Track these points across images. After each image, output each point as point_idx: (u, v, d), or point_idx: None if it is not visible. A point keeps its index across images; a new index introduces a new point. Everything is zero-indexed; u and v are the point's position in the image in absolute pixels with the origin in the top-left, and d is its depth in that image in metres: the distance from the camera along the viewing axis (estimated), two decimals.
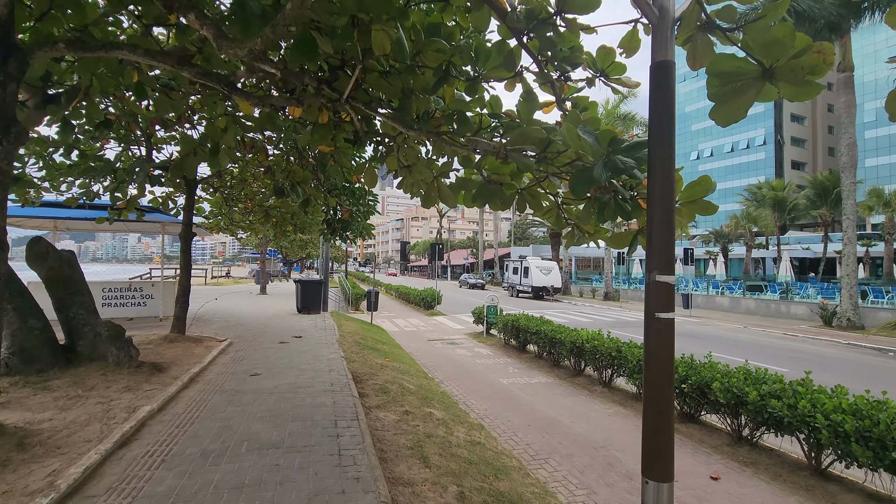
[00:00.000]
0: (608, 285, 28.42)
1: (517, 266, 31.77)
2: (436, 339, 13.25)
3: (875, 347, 12.81)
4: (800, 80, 2.06)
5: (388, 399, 5.66)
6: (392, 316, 19.04)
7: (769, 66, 2.07)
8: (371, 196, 8.78)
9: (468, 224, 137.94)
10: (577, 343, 8.32)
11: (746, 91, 2.18)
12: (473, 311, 14.07)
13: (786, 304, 19.83)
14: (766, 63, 2.08)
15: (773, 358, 11.12)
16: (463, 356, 10.77)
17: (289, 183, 6.17)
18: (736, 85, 2.19)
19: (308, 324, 11.52)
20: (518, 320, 10.87)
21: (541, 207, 3.96)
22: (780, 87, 2.12)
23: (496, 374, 9.06)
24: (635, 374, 6.97)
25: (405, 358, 9.77)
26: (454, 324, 16.72)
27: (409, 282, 52.85)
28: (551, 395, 7.58)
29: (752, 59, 2.08)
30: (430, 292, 20.58)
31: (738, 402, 5.23)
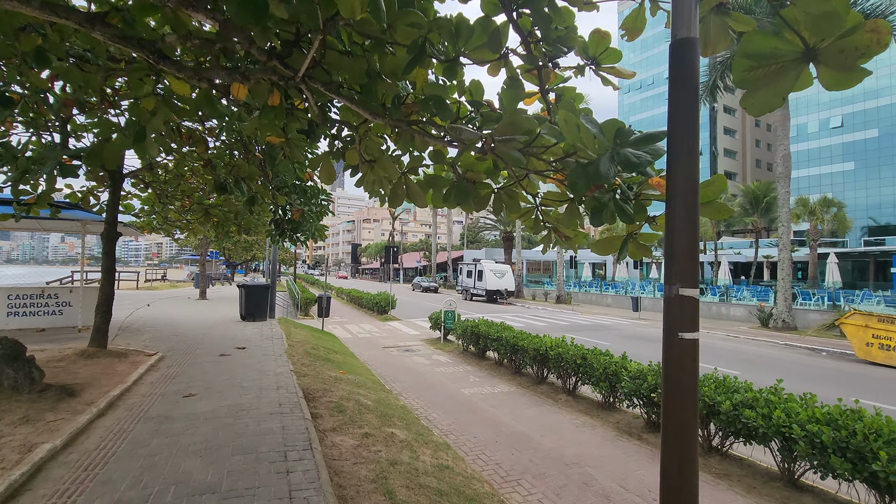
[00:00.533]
0: (560, 289, 28.87)
1: (471, 269, 31.66)
2: (391, 347, 12.69)
3: (809, 347, 13.57)
4: (847, 63, 1.76)
5: (345, 419, 5.10)
6: (344, 321, 18.23)
7: (813, 45, 1.75)
8: (325, 195, 8.15)
9: (420, 227, 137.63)
10: (540, 350, 8.08)
11: (784, 75, 1.85)
12: (430, 317, 13.64)
13: (725, 306, 20.85)
14: (811, 41, 1.76)
15: (721, 360, 11.43)
16: (421, 364, 10.30)
17: (232, 179, 5.48)
18: (771, 68, 1.86)
19: (253, 332, 10.63)
20: (478, 326, 10.55)
21: (518, 209, 3.59)
22: (820, 73, 1.81)
23: (457, 383, 8.66)
24: (601, 382, 6.79)
25: (360, 368, 9.17)
26: (410, 329, 16.20)
27: (361, 285, 51.62)
28: (516, 406, 7.26)
29: (796, 34, 1.76)
30: (384, 296, 19.93)
31: (710, 412, 5.11)
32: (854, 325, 11.42)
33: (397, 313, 20.28)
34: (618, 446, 5.64)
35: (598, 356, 7.02)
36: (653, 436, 5.94)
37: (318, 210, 8.11)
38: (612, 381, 6.69)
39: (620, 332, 16.39)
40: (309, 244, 8.37)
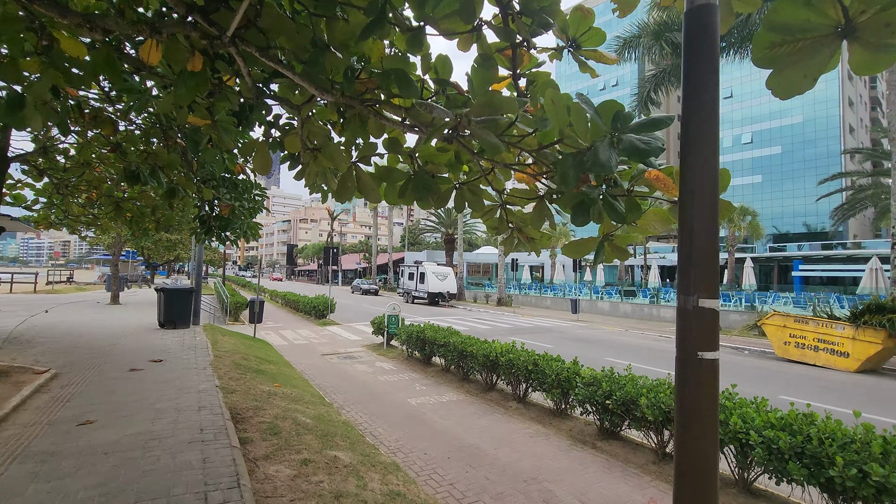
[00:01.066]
0: (501, 291, 29.15)
1: (413, 271, 31.20)
2: (331, 354, 11.94)
3: (733, 347, 14.45)
4: (887, 41, 1.53)
5: (281, 443, 4.48)
6: (279, 327, 17.09)
7: (853, 17, 1.50)
8: (259, 189, 7.39)
9: (360, 228, 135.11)
10: (490, 357, 7.80)
11: (816, 53, 1.58)
12: (373, 322, 13.03)
13: (656, 307, 21.93)
14: (853, 12, 1.50)
15: (660, 361, 11.81)
16: (363, 373, 9.70)
17: (147, 167, 4.69)
18: (799, 45, 1.59)
19: (173, 342, 9.52)
20: (424, 332, 10.12)
21: (482, 207, 3.22)
22: (853, 52, 1.55)
23: (403, 392, 8.18)
24: (553, 389, 6.61)
25: (297, 380, 8.43)
26: (350, 335, 15.45)
27: (297, 287, 49.42)
28: (465, 416, 6.92)
29: (839, 3, 1.50)
30: (323, 300, 18.97)
31: (665, 419, 5.04)
32: (774, 326, 12.24)
33: (337, 317, 19.38)
34: (573, 457, 5.44)
35: (550, 362, 6.84)
36: (606, 444, 5.82)
37: (250, 206, 7.34)
38: (565, 388, 6.53)
39: (562, 335, 16.64)
40: (240, 244, 7.62)
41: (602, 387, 5.72)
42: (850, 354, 10.64)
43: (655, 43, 16.49)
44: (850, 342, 10.65)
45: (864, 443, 3.60)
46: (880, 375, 10.52)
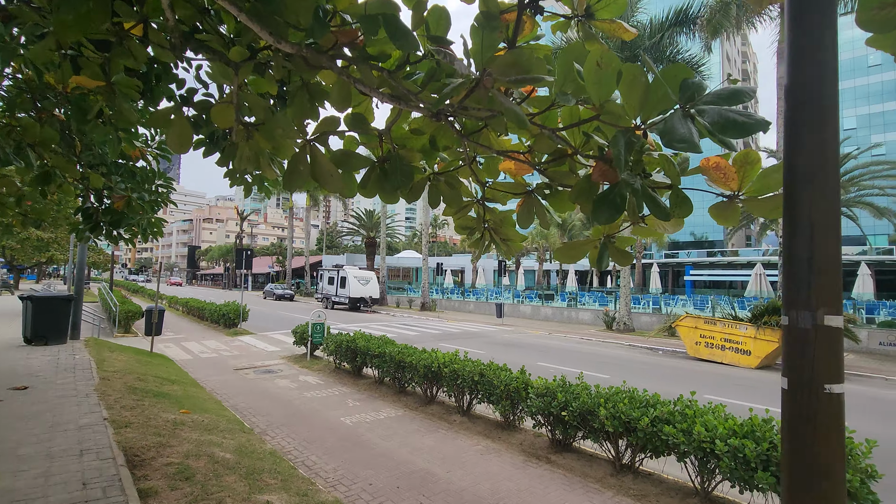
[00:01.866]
0: (425, 296, 28.77)
1: (333, 276, 29.76)
2: (246, 368, 10.67)
3: (648, 347, 15.32)
4: None
5: (196, 492, 3.59)
6: (181, 338, 15.14)
7: None
8: (164, 179, 6.25)
9: (273, 229, 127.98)
10: (432, 367, 7.29)
11: None
12: (294, 331, 11.91)
13: (575, 311, 22.86)
14: None
15: (589, 364, 12.08)
16: (287, 389, 8.70)
17: (12, 144, 3.58)
18: None
19: (43, 362, 7.83)
20: (355, 341, 9.35)
21: (459, 202, 2.75)
22: None
23: (335, 410, 7.39)
24: (503, 400, 6.26)
25: (208, 402, 7.26)
26: (266, 345, 14.08)
27: (201, 293, 45.14)
28: (409, 434, 6.34)
29: None
30: (234, 307, 17.20)
31: (626, 430, 4.87)
32: (686, 327, 13.11)
33: (250, 326, 17.68)
34: (531, 474, 5.10)
35: (498, 372, 6.49)
36: (560, 457, 5.56)
37: (152, 199, 6.17)
38: (515, 400, 6.22)
39: (490, 339, 16.59)
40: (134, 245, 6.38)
41: (557, 397, 5.46)
42: (752, 352, 11.64)
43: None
44: (751, 341, 11.65)
45: None
46: (776, 371, 11.63)
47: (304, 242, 49.38)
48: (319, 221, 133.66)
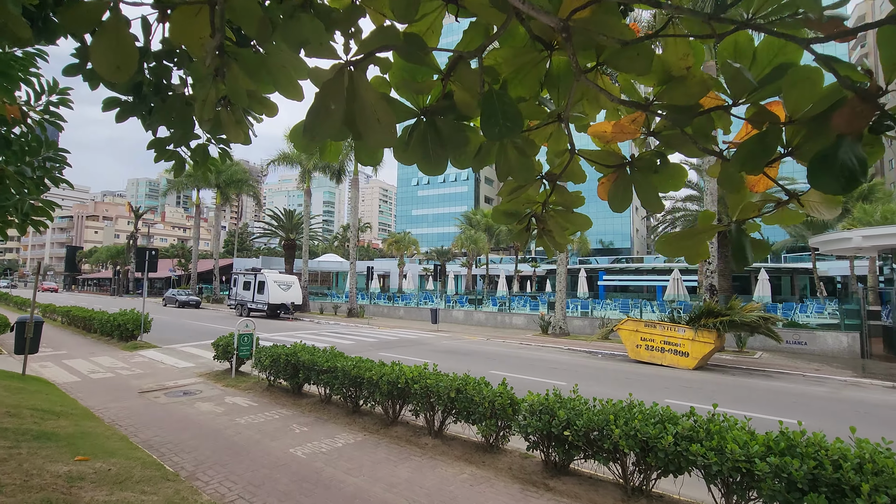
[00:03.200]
0: (353, 302, 27.27)
1: (250, 280, 27.17)
2: (155, 390, 8.87)
3: (587, 351, 15.50)
4: None
5: None
6: (63, 355, 12.51)
7: None
8: (54, 150, 4.75)
9: (172, 229, 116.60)
10: (399, 384, 6.35)
11: None
12: (216, 343, 10.22)
13: (508, 315, 22.85)
14: None
15: (538, 370, 11.77)
16: (212, 416, 7.22)
17: None
18: None
19: None
20: (296, 354, 8.08)
21: (531, 174, 1.99)
22: None
23: (280, 439, 6.16)
24: (488, 419, 5.53)
25: (112, 440, 5.66)
26: (176, 360, 12.05)
27: (85, 300, 39.20)
28: (377, 465, 5.36)
29: None
30: (133, 316, 14.68)
31: (642, 449, 4.36)
32: (627, 331, 13.36)
33: (152, 338, 15.22)
34: None
35: (480, 387, 5.75)
36: (559, 482, 4.95)
37: (37, 176, 4.66)
38: (501, 418, 5.52)
39: (431, 347, 15.81)
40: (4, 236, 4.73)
41: (558, 415, 4.84)
42: (690, 354, 12.08)
43: None
44: (689, 343, 12.09)
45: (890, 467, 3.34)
46: (711, 371, 12.18)
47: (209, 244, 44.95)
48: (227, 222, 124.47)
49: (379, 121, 1.48)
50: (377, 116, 1.47)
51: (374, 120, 1.47)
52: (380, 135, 1.50)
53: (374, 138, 1.51)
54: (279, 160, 30.83)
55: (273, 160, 30.69)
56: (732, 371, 12.22)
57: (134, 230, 52.51)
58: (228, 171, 38.87)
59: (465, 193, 75.30)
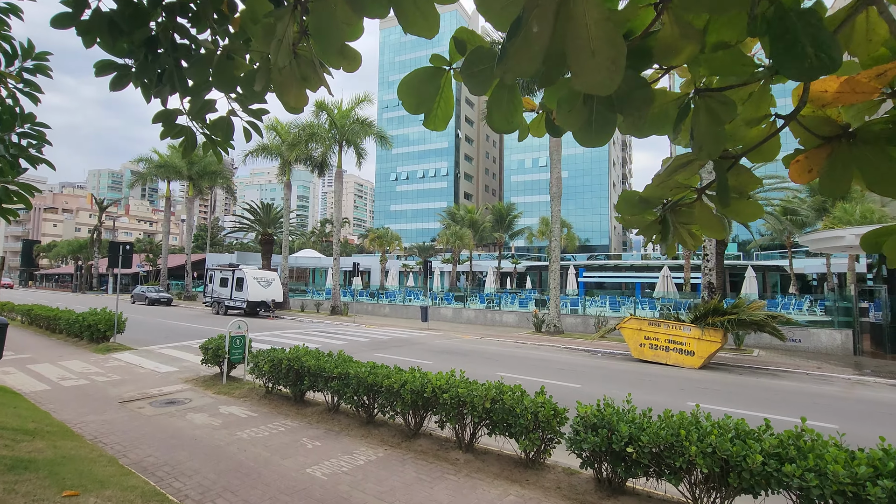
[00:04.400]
0: (336, 299, 26.36)
1: (227, 276, 25.93)
2: (137, 399, 8.01)
3: (586, 350, 15.21)
4: None
5: None
6: (26, 359, 11.37)
7: None
8: (33, 124, 3.97)
9: (138, 223, 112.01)
10: (423, 393, 5.77)
11: None
12: (204, 346, 9.37)
13: (499, 313, 22.45)
14: None
15: (547, 372, 11.35)
16: (209, 430, 6.48)
17: None
18: None
19: None
20: (301, 359, 7.38)
21: (719, 146, 1.40)
22: None
23: (291, 457, 5.50)
24: (531, 433, 5.02)
25: (99, 464, 4.88)
26: (157, 364, 11.10)
27: (44, 297, 36.88)
28: (411, 487, 4.78)
29: None
30: (104, 315, 13.54)
31: (723, 468, 3.92)
32: (630, 329, 13.09)
33: (126, 339, 14.12)
34: None
35: (521, 397, 5.24)
36: (616, 503, 4.48)
37: (14, 153, 3.89)
38: (545, 431, 5.02)
39: (427, 347, 15.23)
40: None
41: (620, 430, 4.36)
42: (696, 353, 11.88)
43: None
44: (695, 342, 11.89)
45: None
46: (716, 370, 12.02)
47: (177, 239, 43.07)
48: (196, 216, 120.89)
49: (594, 53, 0.96)
50: (593, 46, 0.94)
51: (588, 51, 0.94)
52: (596, 74, 0.97)
53: (586, 78, 0.98)
54: (258, 151, 29.54)
55: (251, 151, 29.39)
56: (736, 370, 12.10)
57: (98, 223, 49.77)
58: (202, 161, 37.16)
59: (444, 189, 74.67)
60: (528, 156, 69.33)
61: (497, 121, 1.78)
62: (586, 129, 1.55)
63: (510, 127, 1.80)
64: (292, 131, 28.01)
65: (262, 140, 28.90)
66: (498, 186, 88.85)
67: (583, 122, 1.52)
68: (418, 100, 1.81)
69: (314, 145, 27.24)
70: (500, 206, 38.70)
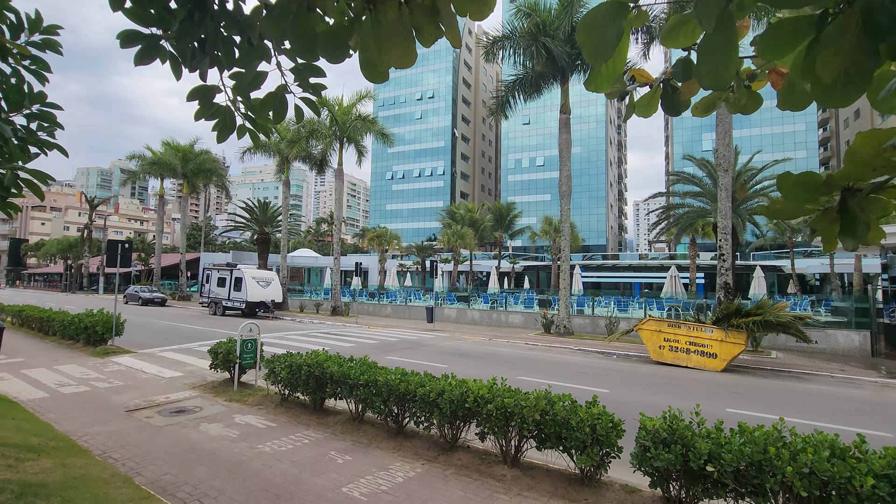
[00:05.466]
0: (336, 299, 25.82)
1: (225, 276, 25.27)
2: (144, 407, 7.49)
3: (600, 352, 14.85)
4: None
5: None
6: (20, 363, 10.77)
7: None
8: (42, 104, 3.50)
9: (128, 221, 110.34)
10: (465, 403, 5.33)
11: None
12: (214, 350, 8.86)
13: (505, 313, 22.06)
14: None
15: (568, 375, 10.96)
16: (226, 442, 5.99)
17: None
18: None
19: None
20: (322, 365, 6.91)
21: None
22: None
23: (322, 473, 5.04)
24: (590, 448, 4.60)
25: (114, 485, 4.37)
26: (159, 368, 10.56)
27: (33, 297, 35.93)
28: None
29: None
30: (102, 317, 12.94)
31: (823, 492, 3.53)
32: (649, 331, 12.75)
33: (123, 342, 13.53)
34: None
35: (572, 407, 4.82)
36: None
37: (20, 136, 3.42)
38: (604, 445, 4.60)
39: (437, 349, 14.78)
40: None
41: (698, 447, 3.96)
42: (718, 355, 11.56)
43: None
44: (718, 344, 11.56)
45: None
46: (740, 373, 11.70)
47: (168, 238, 42.21)
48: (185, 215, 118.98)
49: None
50: None
51: None
52: None
53: None
54: (255, 148, 28.88)
55: (249, 148, 28.74)
56: (759, 372, 11.80)
57: (89, 221, 48.68)
58: (197, 159, 36.41)
59: (441, 188, 74.14)
60: (525, 155, 69.08)
61: (706, 73, 1.36)
62: (833, 84, 1.17)
63: (721, 81, 1.37)
64: (291, 128, 27.41)
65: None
66: (494, 186, 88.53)
67: (837, 71, 1.14)
68: (599, 43, 1.39)
69: (314, 142, 26.67)
70: (499, 205, 38.34)
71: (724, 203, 14.61)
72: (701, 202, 19.18)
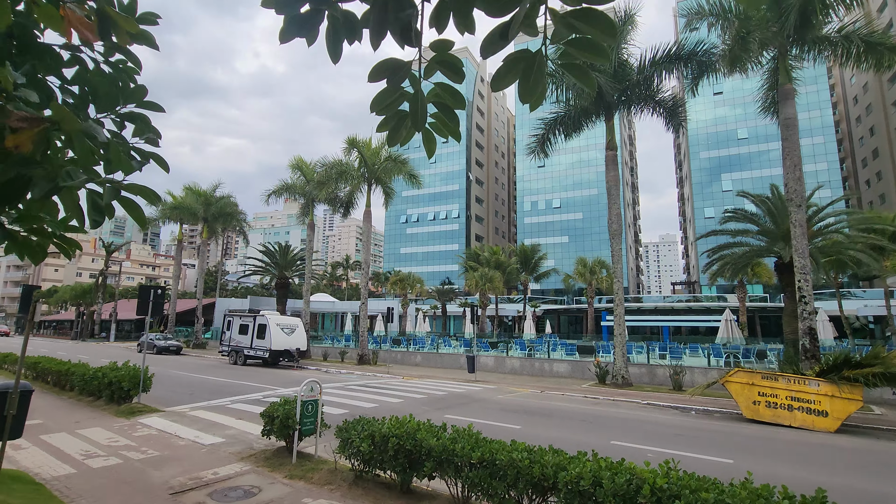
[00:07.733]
0: (363, 347, 24.41)
1: (247, 323, 24.07)
2: (191, 488, 6.16)
3: (675, 407, 13.29)
4: None
5: None
6: (38, 427, 9.47)
7: None
8: (140, 102, 2.52)
9: (140, 267, 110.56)
10: (635, 498, 4.03)
11: None
12: (267, 414, 7.57)
13: (548, 362, 20.50)
14: None
15: (660, 440, 9.47)
16: None
17: None
18: None
19: None
20: (414, 436, 5.63)
21: None
22: None
23: None
24: None
25: None
26: (196, 433, 9.22)
27: (43, 347, 34.74)
28: None
29: None
30: (128, 371, 11.69)
31: None
32: (739, 384, 11.30)
33: (148, 398, 12.23)
34: None
35: None
36: None
37: (116, 141, 2.38)
38: None
39: (494, 405, 13.29)
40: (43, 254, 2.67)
41: None
42: (830, 413, 10.05)
43: None
44: (828, 400, 10.09)
45: None
46: (859, 434, 10.12)
47: (180, 283, 41.28)
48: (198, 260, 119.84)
49: None
50: None
51: None
52: None
53: None
54: (280, 191, 28.49)
55: (274, 191, 28.31)
56: (883, 434, 10.20)
57: (104, 267, 48.19)
58: (219, 203, 36.13)
59: (455, 231, 73.64)
60: (541, 197, 68.86)
61: None
62: None
63: None
64: (318, 170, 27.06)
65: (287, 180, 27.90)
66: (507, 229, 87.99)
67: None
68: None
69: (342, 184, 26.18)
70: (524, 247, 37.34)
71: (799, 241, 13.47)
72: (758, 240, 18.03)
